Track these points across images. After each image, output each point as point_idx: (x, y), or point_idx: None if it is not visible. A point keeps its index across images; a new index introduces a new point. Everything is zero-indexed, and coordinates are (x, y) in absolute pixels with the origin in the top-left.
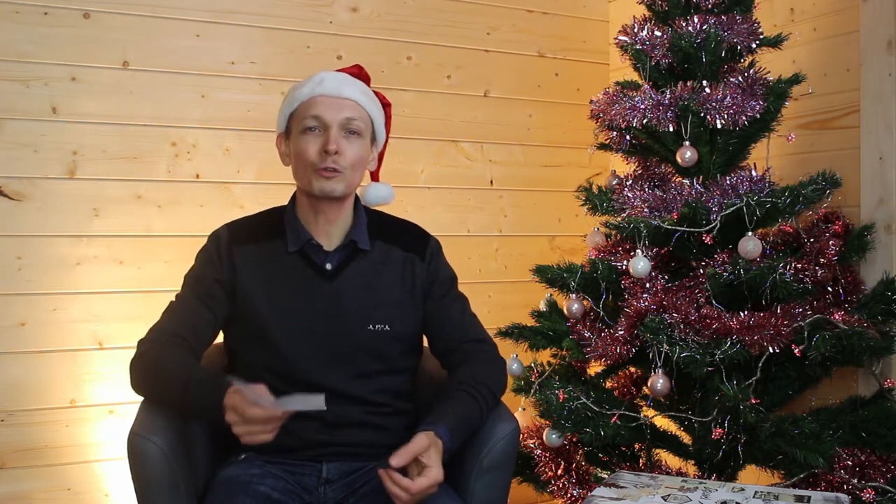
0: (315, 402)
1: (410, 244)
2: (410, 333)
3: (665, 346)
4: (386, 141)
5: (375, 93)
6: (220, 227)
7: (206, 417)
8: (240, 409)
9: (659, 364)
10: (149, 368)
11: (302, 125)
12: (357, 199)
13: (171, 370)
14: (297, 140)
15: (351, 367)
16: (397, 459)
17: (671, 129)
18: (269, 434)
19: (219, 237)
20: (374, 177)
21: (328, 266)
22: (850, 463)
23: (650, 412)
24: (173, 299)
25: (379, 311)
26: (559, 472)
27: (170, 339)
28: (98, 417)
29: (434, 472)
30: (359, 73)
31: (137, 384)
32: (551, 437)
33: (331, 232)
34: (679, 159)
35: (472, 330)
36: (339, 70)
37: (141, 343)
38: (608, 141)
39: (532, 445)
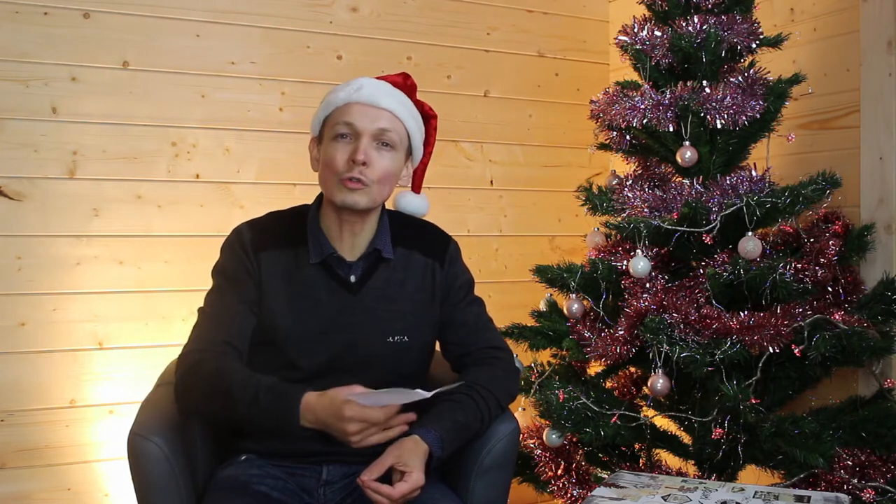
0: (416, 394)
1: (430, 248)
2: (426, 341)
3: (665, 346)
4: (428, 156)
5: (421, 103)
6: (242, 225)
7: (278, 426)
8: (364, 417)
9: (659, 364)
10: (206, 381)
11: (333, 131)
12: (383, 205)
13: (234, 382)
14: (327, 146)
15: (364, 377)
16: (368, 475)
17: (671, 129)
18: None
19: (242, 236)
20: (415, 189)
21: (352, 278)
22: (850, 463)
23: (650, 412)
24: (204, 307)
25: (398, 322)
26: (559, 472)
27: (221, 349)
28: (98, 417)
29: (415, 477)
30: (403, 83)
31: (188, 399)
32: (551, 437)
33: (354, 242)
34: (679, 159)
35: (487, 336)
36: (382, 77)
37: (187, 354)
38: (608, 141)
39: (532, 445)
